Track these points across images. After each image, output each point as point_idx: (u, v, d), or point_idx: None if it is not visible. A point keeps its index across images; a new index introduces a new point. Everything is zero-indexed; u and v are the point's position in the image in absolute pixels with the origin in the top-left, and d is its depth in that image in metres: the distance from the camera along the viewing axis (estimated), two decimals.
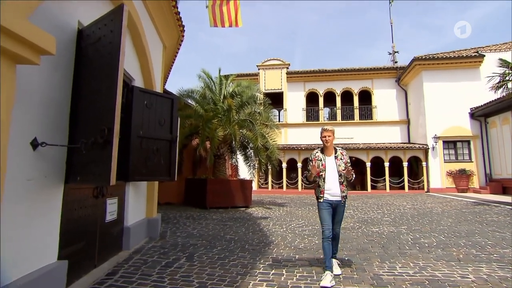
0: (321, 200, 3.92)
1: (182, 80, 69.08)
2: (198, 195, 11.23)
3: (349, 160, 3.98)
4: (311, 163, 4.00)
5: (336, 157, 3.98)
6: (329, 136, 3.95)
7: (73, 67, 3.40)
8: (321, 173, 3.93)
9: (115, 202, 4.61)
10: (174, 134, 5.51)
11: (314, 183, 4.02)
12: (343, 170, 3.93)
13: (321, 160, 3.98)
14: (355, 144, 20.25)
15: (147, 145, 5.04)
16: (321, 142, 4.03)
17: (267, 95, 17.36)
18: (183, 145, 11.35)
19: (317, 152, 4.07)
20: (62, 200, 3.30)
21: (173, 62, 8.72)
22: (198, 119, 11.44)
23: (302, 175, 4.30)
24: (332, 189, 3.90)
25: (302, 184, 19.44)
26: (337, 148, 4.08)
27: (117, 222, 4.71)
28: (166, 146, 5.35)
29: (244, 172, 13.60)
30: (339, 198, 3.90)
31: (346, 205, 4.02)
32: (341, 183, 3.91)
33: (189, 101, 12.49)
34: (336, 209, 3.93)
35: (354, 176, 3.92)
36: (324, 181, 3.93)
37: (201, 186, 11.12)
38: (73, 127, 3.34)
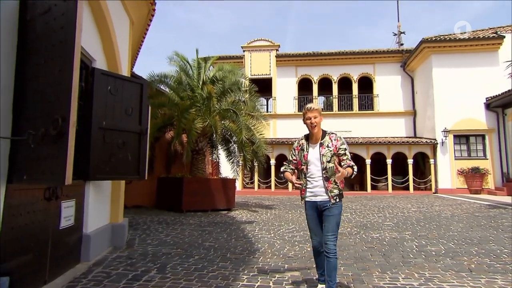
0: (302, 202, 3.73)
1: (157, 63, 68.39)
2: (172, 197, 11.22)
3: (345, 146, 3.55)
4: (293, 153, 3.76)
5: (321, 145, 3.57)
6: (314, 118, 3.52)
7: (15, 44, 3.29)
8: (303, 167, 3.61)
9: (72, 205, 4.53)
10: (144, 126, 5.46)
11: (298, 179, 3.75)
12: (329, 161, 3.50)
13: (304, 149, 3.65)
14: (353, 138, 20.49)
15: (112, 138, 4.99)
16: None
17: (254, 81, 17.34)
18: (155, 138, 11.33)
19: (301, 140, 3.72)
20: (3, 204, 3.18)
21: (143, 41, 8.61)
22: (173, 108, 11.43)
23: (281, 169, 4.24)
24: (316, 187, 3.56)
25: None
26: (326, 132, 3.65)
27: (74, 229, 4.64)
28: (135, 140, 5.32)
29: (227, 169, 13.67)
30: (325, 199, 3.52)
31: (340, 209, 3.53)
32: (326, 179, 3.51)
33: (162, 88, 12.43)
34: (324, 212, 3.53)
35: (355, 170, 3.48)
36: (305, 178, 3.62)
37: (176, 186, 11.12)
38: (17, 115, 3.24)
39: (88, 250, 4.89)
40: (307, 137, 3.70)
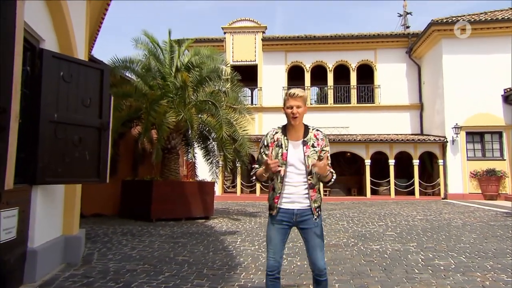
0: (274, 213, 3.37)
1: (124, 47, 67.77)
2: (139, 203, 11.18)
3: (327, 148, 3.39)
4: (264, 151, 3.45)
5: (305, 143, 3.37)
6: (297, 107, 3.31)
7: None
8: (278, 169, 3.31)
9: (13, 214, 4.41)
10: (105, 119, 5.41)
11: (271, 182, 3.44)
12: (317, 164, 3.27)
13: (281, 146, 3.39)
14: (351, 135, 20.68)
15: (65, 133, 4.93)
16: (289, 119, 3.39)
17: (236, 68, 17.28)
18: (119, 134, 11.24)
19: (276, 133, 3.44)
20: None
21: (103, 18, 8.50)
22: (141, 99, 11.39)
23: (251, 173, 4.12)
24: (295, 194, 3.35)
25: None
26: (309, 128, 3.45)
27: (16, 244, 4.52)
28: (94, 136, 5.27)
29: (204, 171, 13.68)
30: (304, 207, 3.34)
31: (321, 222, 3.42)
32: (311, 187, 3.34)
33: (127, 75, 12.36)
34: (305, 226, 3.36)
35: (334, 177, 3.38)
36: (282, 182, 3.35)
37: (144, 191, 11.09)
38: None
39: (34, 269, 4.78)
40: (284, 131, 3.44)
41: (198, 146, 13.34)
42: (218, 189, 19.37)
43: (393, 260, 6.11)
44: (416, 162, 19.30)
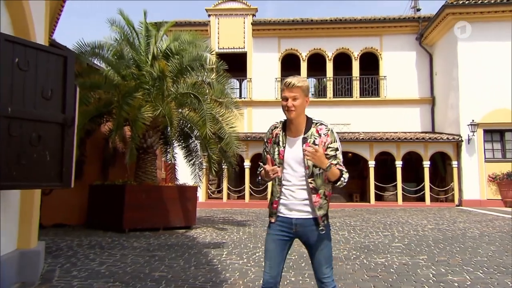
0: (273, 220, 3.33)
1: (94, 31, 67.35)
2: (110, 211, 11.16)
3: (337, 145, 3.30)
4: (265, 149, 3.43)
5: (305, 140, 3.29)
6: (293, 99, 3.24)
7: None
8: (280, 174, 3.29)
9: None
10: (70, 114, 5.35)
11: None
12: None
13: (278, 143, 3.35)
14: (353, 133, 20.76)
15: (21, 130, 4.84)
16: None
17: (223, 56, 17.18)
18: (86, 131, 11.25)
19: (275, 128, 3.43)
20: None
21: None
22: (112, 91, 11.39)
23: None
24: (293, 200, 3.29)
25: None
26: (313, 121, 3.37)
27: None
28: (56, 133, 5.21)
29: (186, 174, 13.72)
30: (305, 216, 3.26)
31: (330, 234, 3.35)
32: (314, 190, 3.24)
33: (96, 63, 12.31)
34: (308, 239, 3.30)
35: (345, 177, 3.25)
36: (280, 185, 3.32)
37: (116, 197, 11.09)
38: None
39: None
40: (285, 125, 3.40)
41: (179, 145, 13.40)
42: (201, 195, 19.33)
43: (400, 276, 6.11)
44: (426, 164, 19.40)
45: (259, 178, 3.43)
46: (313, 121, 3.34)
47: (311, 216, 3.21)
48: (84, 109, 10.53)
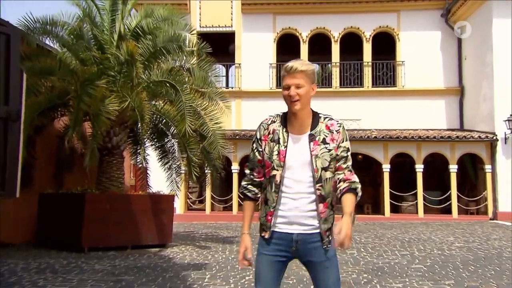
0: (266, 235, 3.25)
1: (49, 5, 67.01)
2: (65, 226, 11.09)
3: (347, 145, 3.27)
4: (257, 148, 3.35)
5: (312, 138, 3.26)
6: (297, 87, 3.19)
7: None
8: (273, 173, 3.23)
9: None
10: (14, 106, 5.27)
11: (263, 191, 3.35)
12: (326, 168, 3.18)
13: (278, 141, 3.28)
14: (364, 130, 20.76)
15: None
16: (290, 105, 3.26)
17: (206, 37, 17.12)
18: (35, 128, 11.14)
19: (272, 123, 3.36)
20: None
21: None
22: (68, 78, 11.25)
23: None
24: (294, 209, 3.20)
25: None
26: (320, 116, 3.34)
27: None
28: None
29: (160, 180, 13.65)
30: (308, 230, 3.19)
31: (335, 251, 3.27)
32: (321, 199, 3.17)
33: (48, 43, 12.19)
34: (311, 259, 3.22)
35: (359, 192, 3.23)
36: (278, 192, 3.23)
37: (73, 209, 11.05)
38: None
39: None
40: (284, 120, 3.33)
41: (152, 145, 13.39)
42: (179, 205, 19.44)
43: None
44: (453, 168, 19.45)
45: (244, 191, 3.36)
46: (320, 115, 3.31)
47: (316, 231, 3.14)
48: (33, 100, 10.36)
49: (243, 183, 3.40)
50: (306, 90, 3.17)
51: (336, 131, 3.22)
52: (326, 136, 3.19)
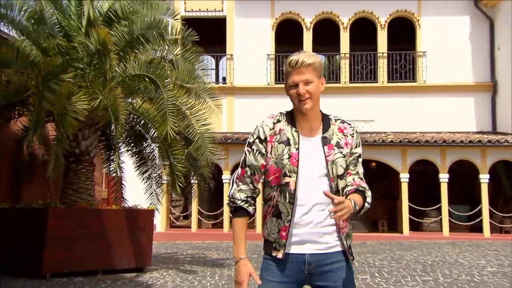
0: (280, 255, 3.17)
1: None
2: (23, 247, 10.95)
3: (360, 150, 3.32)
4: (259, 150, 3.28)
5: (326, 141, 3.26)
6: (306, 83, 3.15)
7: None
8: (285, 180, 3.18)
9: None
10: None
11: (268, 202, 3.29)
12: (341, 176, 3.21)
13: (288, 142, 3.24)
14: (378, 133, 20.75)
15: None
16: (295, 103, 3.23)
17: (192, 23, 17.05)
18: None
19: (278, 122, 3.33)
20: None
21: None
22: (27, 71, 11.16)
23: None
24: (308, 227, 3.18)
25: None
26: (330, 117, 3.35)
27: None
28: None
29: (138, 192, 13.64)
30: (325, 249, 3.19)
31: (353, 273, 3.32)
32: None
33: (3, 29, 12.32)
34: (327, 284, 3.21)
35: (369, 201, 3.23)
36: (293, 203, 3.18)
37: (32, 227, 11.00)
38: None
39: None
40: (291, 119, 3.31)
41: (128, 150, 13.37)
42: (160, 222, 19.47)
43: None
44: (484, 178, 19.41)
45: (242, 204, 3.26)
46: (329, 116, 3.34)
47: (332, 250, 3.16)
48: None
49: (241, 195, 3.29)
50: (316, 86, 3.16)
51: (350, 135, 3.27)
52: (340, 140, 3.22)
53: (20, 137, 11.73)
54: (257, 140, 3.27)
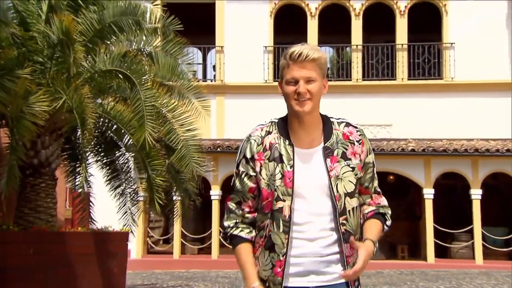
0: None
1: None
2: None
3: (372, 159, 3.29)
4: (247, 172, 3.26)
5: (328, 153, 3.21)
6: (308, 82, 3.09)
7: None
8: (278, 205, 3.12)
9: None
10: None
11: (260, 231, 3.25)
12: (351, 194, 3.16)
13: (280, 160, 3.19)
14: (397, 141, 20.79)
15: None
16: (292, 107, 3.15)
17: (174, 9, 17.10)
18: None
19: (267, 134, 3.26)
20: None
21: None
22: None
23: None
24: (310, 255, 3.14)
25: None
26: (332, 120, 3.30)
27: None
28: None
29: (109, 211, 13.67)
30: (333, 282, 3.15)
31: None
32: (346, 239, 3.12)
33: None
34: None
35: (388, 223, 3.30)
36: (288, 232, 3.15)
37: None
38: None
39: None
40: (284, 129, 3.24)
41: (97, 161, 13.35)
42: (136, 247, 19.49)
43: None
44: None
45: (233, 232, 3.27)
46: (332, 119, 3.28)
47: (340, 281, 3.10)
48: None
49: (229, 222, 3.30)
50: (319, 87, 3.12)
51: (358, 141, 3.21)
52: (346, 149, 3.17)
53: None
54: (243, 160, 3.25)
